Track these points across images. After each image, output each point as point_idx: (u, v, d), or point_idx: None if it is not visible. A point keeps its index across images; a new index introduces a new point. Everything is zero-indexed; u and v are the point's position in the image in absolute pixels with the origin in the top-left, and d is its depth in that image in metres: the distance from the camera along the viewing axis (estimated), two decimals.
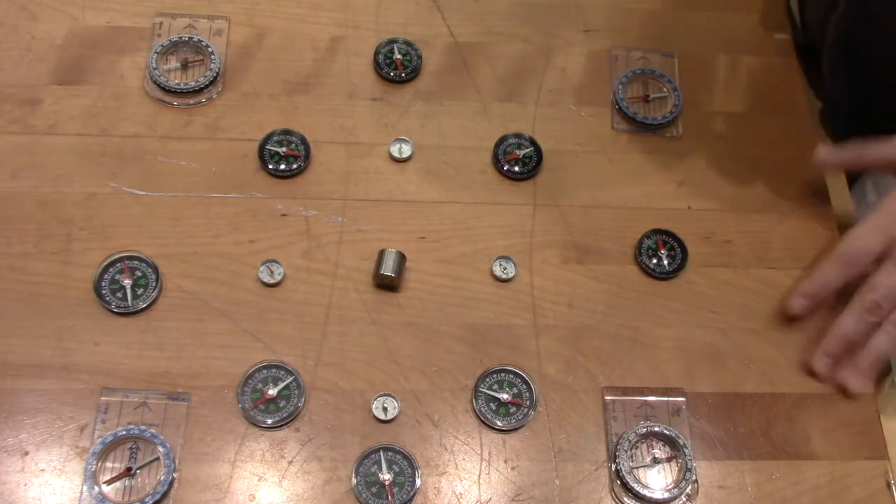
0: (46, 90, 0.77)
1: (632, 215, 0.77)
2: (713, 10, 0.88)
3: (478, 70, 0.83)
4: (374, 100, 0.80)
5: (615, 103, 0.82)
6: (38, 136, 0.75)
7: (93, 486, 0.63)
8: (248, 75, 0.80)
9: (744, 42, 0.86)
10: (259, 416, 0.66)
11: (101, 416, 0.65)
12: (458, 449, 0.67)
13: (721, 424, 0.69)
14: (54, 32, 0.80)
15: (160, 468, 0.64)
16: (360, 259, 0.73)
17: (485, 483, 0.66)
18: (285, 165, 0.76)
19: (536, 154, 0.78)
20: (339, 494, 0.64)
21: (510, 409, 0.68)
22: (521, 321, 0.72)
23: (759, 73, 0.85)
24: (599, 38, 0.85)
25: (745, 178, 0.79)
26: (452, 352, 0.70)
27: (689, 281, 0.74)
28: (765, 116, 0.83)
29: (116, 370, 0.67)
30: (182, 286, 0.70)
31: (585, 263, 0.74)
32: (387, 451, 0.66)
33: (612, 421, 0.68)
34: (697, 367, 0.71)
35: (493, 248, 0.74)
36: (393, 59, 0.82)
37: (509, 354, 0.70)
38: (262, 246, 0.73)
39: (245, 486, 0.64)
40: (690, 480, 0.66)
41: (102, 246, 0.71)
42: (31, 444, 0.64)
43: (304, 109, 0.79)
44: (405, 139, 0.78)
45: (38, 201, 0.73)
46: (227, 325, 0.69)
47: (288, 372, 0.68)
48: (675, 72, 0.84)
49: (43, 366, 0.67)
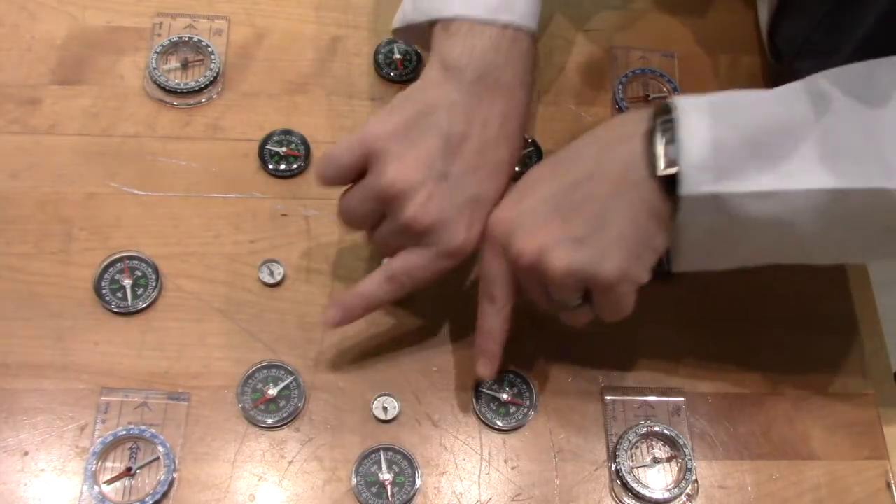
0: (46, 90, 0.77)
1: None
2: (713, 10, 0.88)
3: None
4: (374, 100, 0.80)
5: (615, 103, 0.82)
6: (38, 136, 0.75)
7: (93, 486, 0.63)
8: (248, 75, 0.80)
9: (744, 42, 0.86)
10: (259, 416, 0.66)
11: (101, 416, 0.65)
12: (458, 449, 0.67)
13: (721, 424, 0.69)
14: (54, 32, 0.80)
15: (160, 468, 0.64)
16: (360, 259, 0.73)
17: (485, 483, 0.66)
18: (285, 165, 0.76)
19: (536, 154, 0.78)
20: (339, 494, 0.64)
21: (510, 409, 0.68)
22: (520, 321, 0.71)
23: (759, 73, 0.85)
24: (599, 38, 0.85)
25: None
26: (452, 352, 0.70)
27: (688, 281, 0.74)
28: None
29: (116, 370, 0.67)
30: (182, 286, 0.70)
31: None
32: (387, 451, 0.66)
33: (612, 421, 0.68)
34: (697, 367, 0.71)
35: None
36: (393, 59, 0.82)
37: (508, 354, 0.70)
38: (262, 246, 0.73)
39: (245, 486, 0.64)
40: (690, 480, 0.66)
41: (102, 246, 0.71)
42: (31, 444, 0.64)
43: (304, 109, 0.79)
44: None
45: (38, 201, 0.73)
46: (227, 325, 0.69)
47: (288, 372, 0.68)
48: (675, 72, 0.84)
49: (43, 366, 0.67)
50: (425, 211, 0.62)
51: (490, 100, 0.64)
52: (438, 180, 0.62)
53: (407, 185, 0.61)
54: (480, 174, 0.64)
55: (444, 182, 0.62)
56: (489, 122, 0.64)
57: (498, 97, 0.64)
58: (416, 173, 0.62)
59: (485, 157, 0.64)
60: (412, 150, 0.62)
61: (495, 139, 0.64)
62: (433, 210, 0.62)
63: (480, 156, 0.64)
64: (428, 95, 0.64)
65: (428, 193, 0.62)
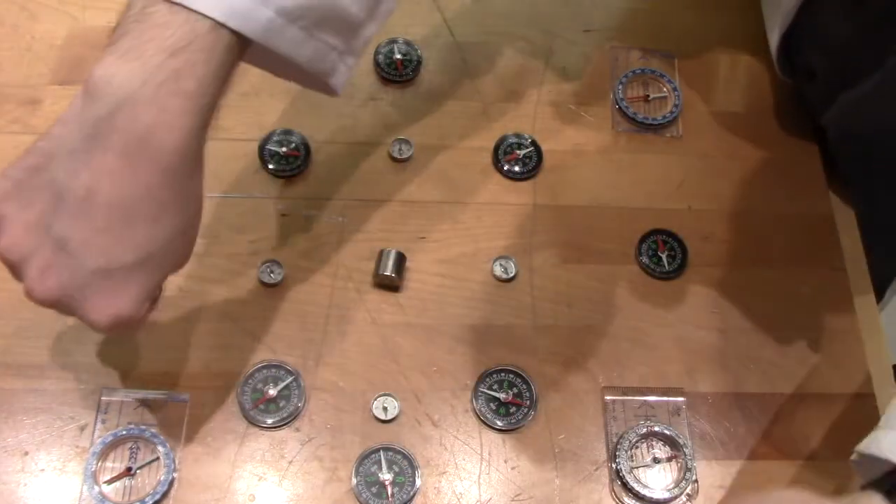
0: (46, 90, 0.77)
1: (632, 215, 0.77)
2: (713, 10, 0.88)
3: (478, 70, 0.82)
4: (374, 100, 0.80)
5: (615, 103, 0.82)
6: (38, 136, 0.75)
7: (93, 486, 0.63)
8: (248, 75, 0.80)
9: (744, 42, 0.86)
10: (259, 416, 0.66)
11: (101, 416, 0.65)
12: (458, 449, 0.67)
13: (721, 424, 0.69)
14: (54, 32, 0.80)
15: (160, 468, 0.64)
16: (360, 259, 0.73)
17: (485, 483, 0.66)
18: (285, 165, 0.76)
19: (536, 154, 0.78)
20: (339, 494, 0.64)
21: (510, 409, 0.68)
22: (521, 321, 0.72)
23: (759, 73, 0.85)
24: (599, 38, 0.85)
25: (745, 178, 0.79)
26: (452, 352, 0.70)
27: (689, 281, 0.74)
28: (765, 116, 0.83)
29: (116, 370, 0.67)
30: (182, 286, 0.70)
31: (585, 263, 0.74)
32: (387, 451, 0.66)
33: (612, 421, 0.68)
34: (697, 367, 0.71)
35: (493, 248, 0.74)
36: (393, 59, 0.82)
37: (509, 354, 0.70)
38: (262, 246, 0.73)
39: (245, 486, 0.64)
40: (690, 480, 0.66)
41: None
42: (31, 444, 0.64)
43: (304, 109, 0.79)
44: (405, 139, 0.78)
45: None
46: (227, 325, 0.69)
47: (288, 372, 0.68)
48: (675, 72, 0.84)
49: (43, 366, 0.67)
50: (43, 287, 0.51)
51: (123, 139, 0.49)
52: (55, 250, 0.51)
53: (18, 256, 0.52)
54: (112, 238, 0.50)
55: (61, 252, 0.51)
56: (118, 175, 0.49)
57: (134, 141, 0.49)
58: (27, 241, 0.51)
59: (122, 215, 0.50)
60: (24, 212, 0.51)
61: (133, 195, 0.50)
62: (50, 284, 0.51)
63: (111, 215, 0.50)
64: (50, 138, 0.52)
65: (42, 265, 0.51)
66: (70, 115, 0.51)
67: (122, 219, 0.50)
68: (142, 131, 0.49)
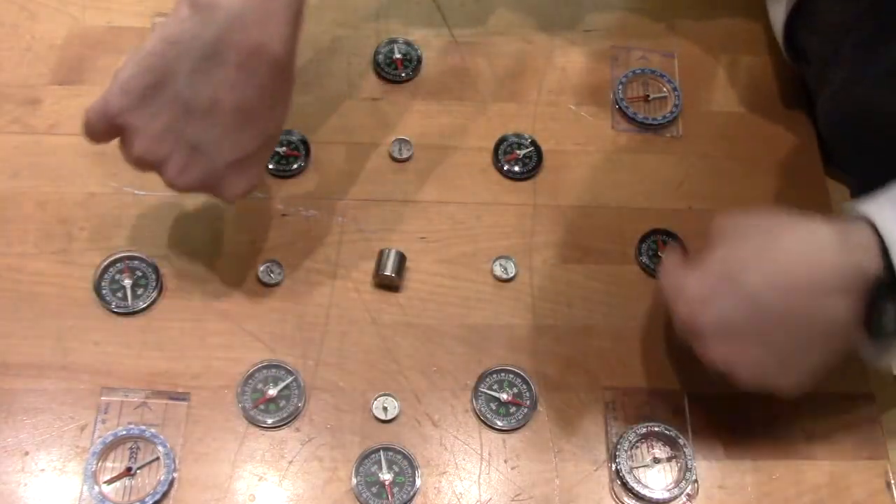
0: (46, 90, 0.77)
1: (632, 215, 0.77)
2: (713, 10, 0.88)
3: (478, 70, 0.83)
4: (374, 100, 0.80)
5: (615, 103, 0.82)
6: (38, 136, 0.75)
7: (93, 486, 0.63)
8: None
9: (744, 42, 0.86)
10: (259, 416, 0.66)
11: (101, 416, 0.65)
12: (458, 449, 0.67)
13: (721, 424, 0.69)
14: (54, 32, 0.80)
15: (160, 468, 0.64)
16: (360, 259, 0.73)
17: (485, 483, 0.66)
18: (285, 165, 0.76)
19: (536, 154, 0.78)
20: (339, 494, 0.64)
21: (510, 409, 0.68)
22: (521, 321, 0.72)
23: (759, 73, 0.85)
24: (599, 38, 0.85)
25: (745, 178, 0.79)
26: (452, 352, 0.70)
27: None
28: (765, 116, 0.83)
29: (116, 370, 0.67)
30: (182, 286, 0.70)
31: (585, 263, 0.74)
32: (387, 451, 0.66)
33: (612, 421, 0.68)
34: (697, 367, 0.71)
35: (493, 248, 0.74)
36: (393, 59, 0.82)
37: (509, 354, 0.70)
38: (262, 246, 0.73)
39: (245, 486, 0.64)
40: (690, 480, 0.66)
41: (102, 246, 0.71)
42: (31, 444, 0.64)
43: (304, 109, 0.79)
44: (405, 139, 0.78)
45: (38, 201, 0.73)
46: (227, 325, 0.69)
47: (288, 372, 0.68)
48: (675, 72, 0.84)
49: (43, 366, 0.67)
50: (184, 181, 0.61)
51: (239, 54, 0.58)
52: (190, 151, 0.60)
53: (155, 159, 0.60)
54: (238, 135, 0.60)
55: (196, 152, 0.60)
56: (238, 85, 0.58)
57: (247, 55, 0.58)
58: (162, 146, 0.60)
59: (244, 116, 0.60)
60: (153, 122, 0.59)
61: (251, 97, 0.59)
62: (190, 178, 0.61)
63: (235, 118, 0.59)
64: (161, 58, 0.58)
65: (181, 165, 0.60)
66: (177, 35, 0.58)
67: (244, 118, 0.59)
68: (254, 45, 0.57)
